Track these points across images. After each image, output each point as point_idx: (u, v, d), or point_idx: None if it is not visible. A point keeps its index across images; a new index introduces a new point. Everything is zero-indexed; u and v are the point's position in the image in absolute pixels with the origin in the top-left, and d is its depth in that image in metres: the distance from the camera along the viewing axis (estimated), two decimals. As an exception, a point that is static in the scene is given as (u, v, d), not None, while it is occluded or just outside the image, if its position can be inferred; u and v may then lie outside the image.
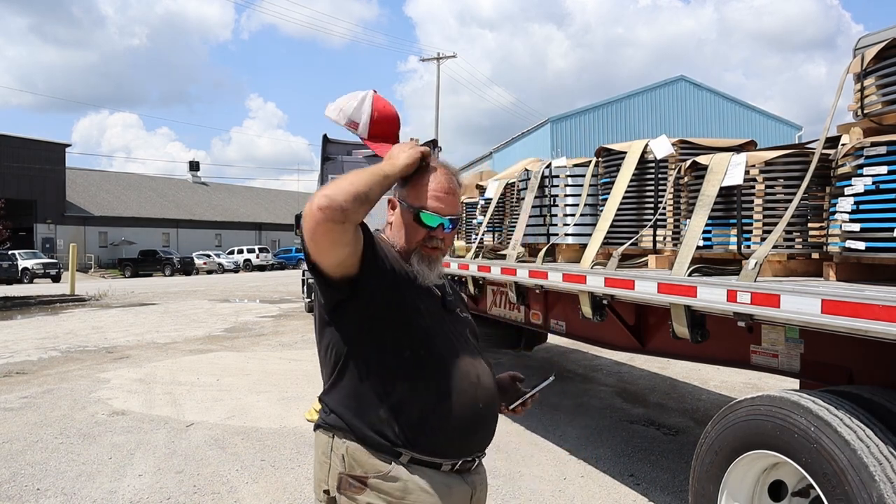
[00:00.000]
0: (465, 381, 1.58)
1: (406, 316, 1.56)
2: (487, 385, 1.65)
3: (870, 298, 1.87)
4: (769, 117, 34.15)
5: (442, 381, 1.56)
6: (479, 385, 1.62)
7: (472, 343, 1.72)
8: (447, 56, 35.12)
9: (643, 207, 3.55)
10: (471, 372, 1.61)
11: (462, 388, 1.57)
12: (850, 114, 2.41)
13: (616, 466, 4.33)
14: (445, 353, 1.59)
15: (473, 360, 1.66)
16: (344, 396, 1.56)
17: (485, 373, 1.67)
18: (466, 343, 1.69)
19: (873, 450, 1.90)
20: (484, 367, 1.69)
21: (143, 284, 26.52)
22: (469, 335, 1.73)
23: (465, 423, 1.57)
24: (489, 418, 1.66)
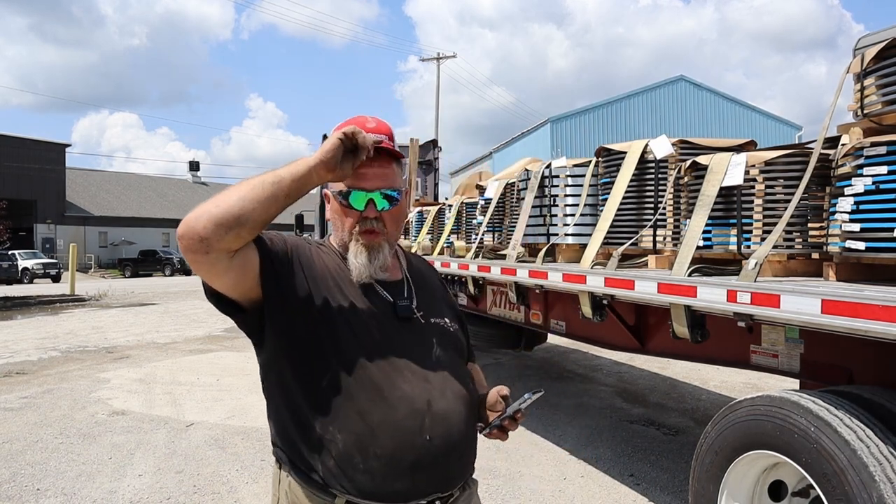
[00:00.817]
0: (406, 406, 1.32)
1: (330, 333, 1.33)
2: (444, 411, 1.37)
3: (870, 298, 1.87)
4: (769, 117, 34.15)
5: (374, 408, 1.31)
6: (430, 411, 1.34)
7: (439, 356, 1.43)
8: (447, 56, 35.12)
9: (643, 207, 3.55)
10: (418, 396, 1.34)
11: (400, 417, 1.32)
12: (850, 114, 2.41)
13: (616, 466, 4.33)
14: (383, 374, 1.33)
15: (428, 379, 1.38)
16: (277, 424, 1.40)
17: (444, 395, 1.38)
18: (424, 358, 1.40)
19: (873, 450, 1.90)
20: (447, 388, 1.40)
21: (143, 284, 26.52)
22: (435, 345, 1.44)
23: (406, 460, 1.31)
24: (446, 451, 1.36)
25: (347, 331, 1.34)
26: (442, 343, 1.45)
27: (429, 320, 1.46)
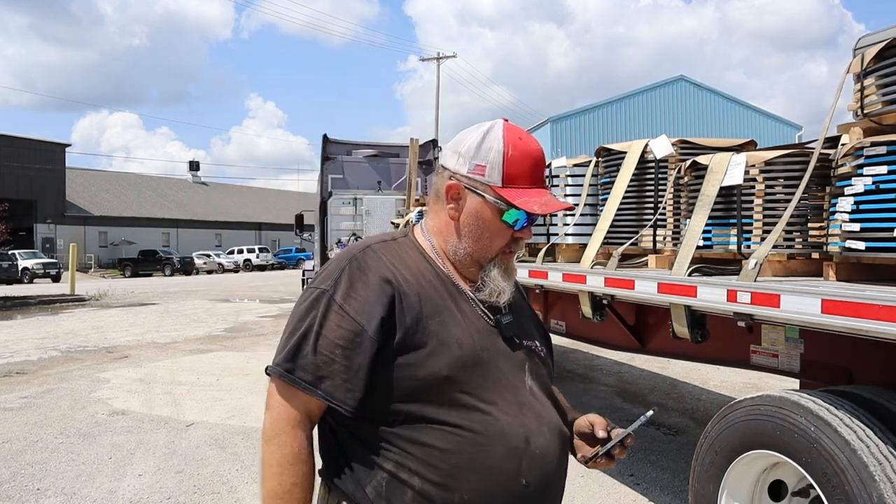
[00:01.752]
0: (503, 444, 1.17)
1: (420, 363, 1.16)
2: (542, 449, 1.22)
3: (870, 298, 1.87)
4: (769, 117, 34.16)
5: (465, 444, 1.15)
6: (528, 450, 1.19)
7: (532, 384, 1.27)
8: (447, 56, 35.13)
9: (643, 207, 3.55)
10: (515, 431, 1.18)
11: (496, 457, 1.16)
12: (850, 113, 2.41)
13: (616, 466, 4.32)
14: (479, 402, 1.17)
15: (524, 411, 1.22)
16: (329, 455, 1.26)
17: (541, 431, 1.23)
18: (519, 385, 1.24)
19: (873, 450, 1.90)
20: (543, 421, 1.24)
21: (143, 284, 26.52)
22: (528, 371, 1.27)
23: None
24: (542, 498, 1.22)
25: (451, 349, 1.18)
26: (534, 369, 1.30)
27: (522, 342, 1.31)
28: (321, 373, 1.15)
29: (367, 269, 1.21)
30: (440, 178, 1.30)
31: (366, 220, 10.14)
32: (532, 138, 1.29)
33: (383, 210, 10.05)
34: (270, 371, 1.19)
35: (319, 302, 1.19)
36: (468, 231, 1.25)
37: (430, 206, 1.34)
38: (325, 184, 10.60)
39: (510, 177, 1.22)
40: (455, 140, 1.30)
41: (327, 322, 1.17)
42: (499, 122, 1.27)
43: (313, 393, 1.15)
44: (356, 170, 10.90)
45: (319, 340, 1.16)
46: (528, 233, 1.29)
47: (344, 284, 1.19)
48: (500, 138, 1.23)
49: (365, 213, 10.11)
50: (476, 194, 1.24)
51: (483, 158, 1.23)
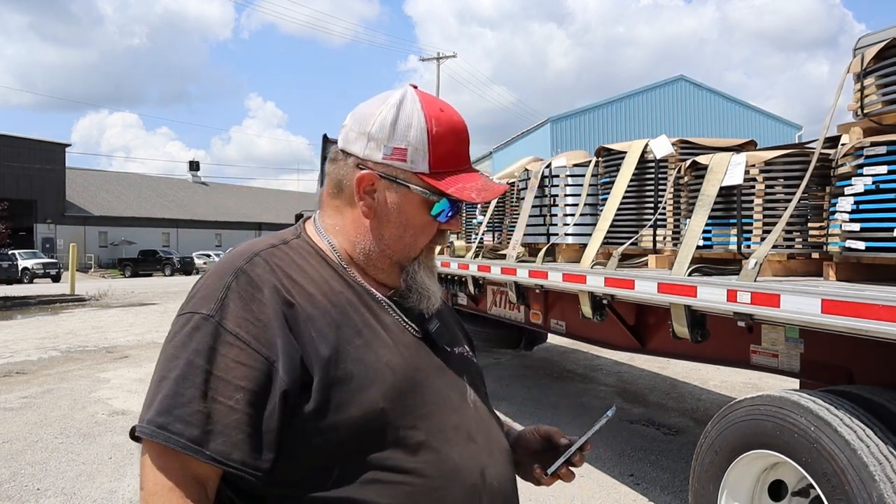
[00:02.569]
0: (459, 484, 0.97)
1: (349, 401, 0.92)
2: (499, 479, 1.04)
3: (870, 298, 1.87)
4: (769, 117, 34.17)
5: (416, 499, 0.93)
6: (486, 485, 1.00)
7: (474, 399, 1.07)
8: (447, 56, 35.13)
9: (643, 207, 3.55)
10: (469, 465, 0.99)
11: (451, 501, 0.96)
12: (850, 113, 2.41)
13: (616, 466, 4.33)
14: (423, 444, 0.95)
15: (472, 437, 1.02)
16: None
17: (493, 457, 1.04)
18: (462, 404, 1.04)
19: (873, 450, 1.90)
20: (493, 446, 1.06)
21: (143, 284, 26.52)
22: (467, 386, 1.08)
23: None
24: None
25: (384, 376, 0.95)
26: (473, 381, 1.10)
27: (454, 350, 1.10)
28: (212, 426, 0.85)
29: (260, 284, 0.93)
30: (341, 166, 1.03)
31: None
32: (452, 108, 1.05)
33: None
34: (139, 432, 0.86)
35: (201, 331, 0.89)
36: (388, 230, 1.02)
37: (327, 201, 1.07)
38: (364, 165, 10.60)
39: (438, 159, 1.00)
40: (356, 117, 1.02)
41: (218, 357, 0.88)
42: (409, 91, 1.02)
43: (200, 454, 0.84)
44: None
45: (211, 383, 0.86)
46: (456, 224, 1.06)
47: (233, 306, 0.90)
48: (420, 112, 0.99)
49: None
50: (397, 184, 1.00)
51: (402, 139, 0.98)
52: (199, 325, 0.90)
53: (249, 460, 0.86)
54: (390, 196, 1.00)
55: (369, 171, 0.99)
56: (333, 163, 1.05)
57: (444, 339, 1.08)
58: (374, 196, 1.00)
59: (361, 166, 1.00)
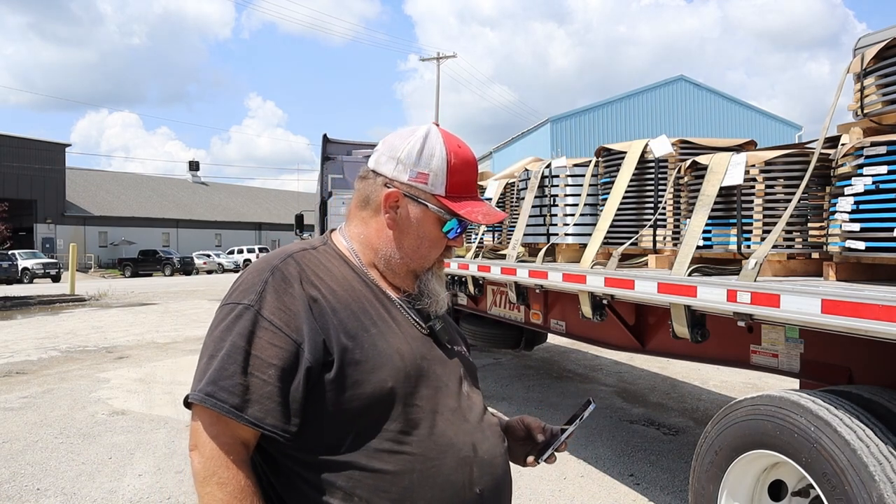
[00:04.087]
0: (453, 455, 1.13)
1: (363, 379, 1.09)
2: (490, 454, 1.20)
3: (870, 298, 1.87)
4: (769, 117, 34.18)
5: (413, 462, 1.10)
6: (477, 458, 1.16)
7: (468, 389, 1.24)
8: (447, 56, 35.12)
9: (643, 207, 3.55)
10: (462, 440, 1.15)
11: (446, 470, 1.12)
12: (850, 113, 2.41)
13: (616, 466, 4.33)
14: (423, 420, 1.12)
15: (467, 418, 1.18)
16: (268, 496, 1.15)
17: (485, 436, 1.21)
18: (458, 391, 1.20)
19: (873, 450, 1.90)
20: (485, 426, 1.22)
21: (142, 284, 26.52)
22: (463, 376, 1.24)
23: None
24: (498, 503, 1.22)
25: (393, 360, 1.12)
26: (468, 374, 1.27)
27: (454, 347, 1.28)
28: (251, 396, 1.03)
29: (292, 280, 1.11)
30: (370, 184, 1.22)
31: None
32: (467, 146, 1.26)
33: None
34: (191, 399, 1.04)
35: (243, 318, 1.07)
36: (407, 240, 1.20)
37: (355, 212, 1.25)
38: (326, 184, 10.60)
39: (453, 186, 1.20)
40: (388, 145, 1.22)
41: (257, 340, 1.05)
42: (433, 128, 1.23)
43: (240, 419, 1.02)
44: (356, 170, 10.82)
45: (250, 360, 1.04)
46: (461, 241, 1.27)
47: (270, 297, 1.08)
48: (442, 145, 1.20)
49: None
50: (418, 203, 1.19)
51: (425, 166, 1.18)
52: (242, 313, 1.07)
53: (280, 424, 1.04)
54: (411, 212, 1.19)
55: (395, 190, 1.18)
56: (363, 180, 1.24)
57: (446, 336, 1.25)
58: (397, 210, 1.19)
59: (389, 185, 1.19)
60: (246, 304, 1.08)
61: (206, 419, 1.04)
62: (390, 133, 1.26)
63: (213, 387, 1.03)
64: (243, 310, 1.07)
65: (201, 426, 1.05)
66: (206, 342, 1.09)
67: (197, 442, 1.05)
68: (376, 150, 1.23)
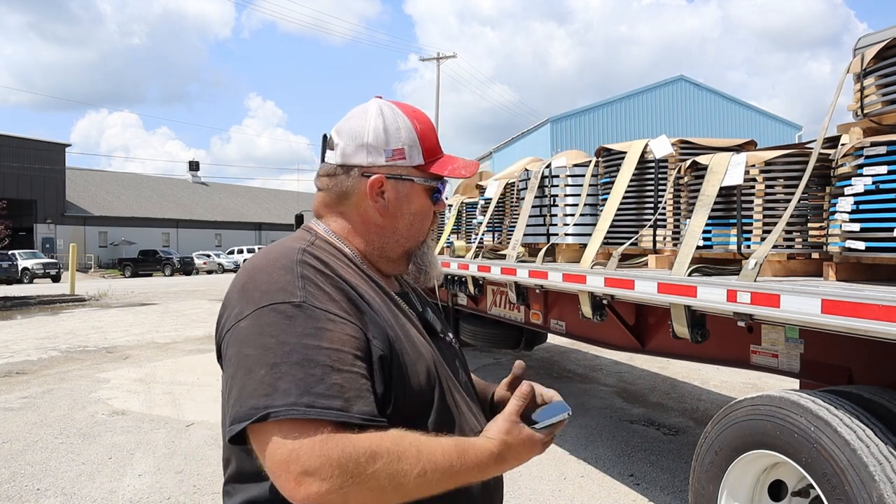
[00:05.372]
0: None
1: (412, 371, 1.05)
2: None
3: (870, 298, 1.87)
4: (769, 117, 34.18)
5: None
6: None
7: (467, 383, 1.22)
8: (447, 56, 35.11)
9: (643, 207, 3.55)
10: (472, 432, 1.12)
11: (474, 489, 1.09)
12: (850, 113, 2.41)
13: (616, 466, 4.33)
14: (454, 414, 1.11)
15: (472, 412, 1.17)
16: None
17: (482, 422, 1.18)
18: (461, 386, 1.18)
19: (873, 450, 1.90)
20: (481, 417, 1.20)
21: (142, 284, 26.51)
22: (460, 369, 1.22)
23: None
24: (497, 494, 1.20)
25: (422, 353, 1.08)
26: (463, 364, 1.24)
27: (446, 336, 1.24)
28: (349, 394, 0.92)
29: (325, 270, 1.04)
30: (343, 179, 1.13)
31: None
32: (419, 109, 1.21)
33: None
34: (284, 416, 0.87)
35: (299, 317, 0.95)
36: (401, 222, 1.15)
37: (329, 210, 1.17)
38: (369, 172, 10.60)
39: (428, 151, 1.16)
40: (347, 134, 1.14)
41: (326, 333, 0.94)
42: (382, 102, 1.18)
43: (352, 419, 0.90)
44: None
45: (333, 357, 0.93)
46: (443, 204, 1.24)
47: (315, 290, 0.99)
48: (401, 115, 1.16)
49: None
50: (404, 181, 1.14)
51: (397, 142, 1.13)
52: (293, 312, 0.95)
53: (379, 415, 0.95)
54: (400, 192, 1.14)
55: (378, 176, 1.12)
56: (332, 178, 1.15)
57: (440, 326, 1.23)
58: (384, 196, 1.13)
59: (367, 174, 1.12)
60: (295, 302, 0.96)
61: (307, 432, 0.88)
62: (338, 122, 1.18)
63: (309, 397, 0.89)
64: (293, 308, 0.95)
65: (302, 446, 0.87)
66: (252, 353, 0.93)
67: (306, 466, 0.86)
68: (335, 144, 1.15)
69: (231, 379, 0.94)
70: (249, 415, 0.89)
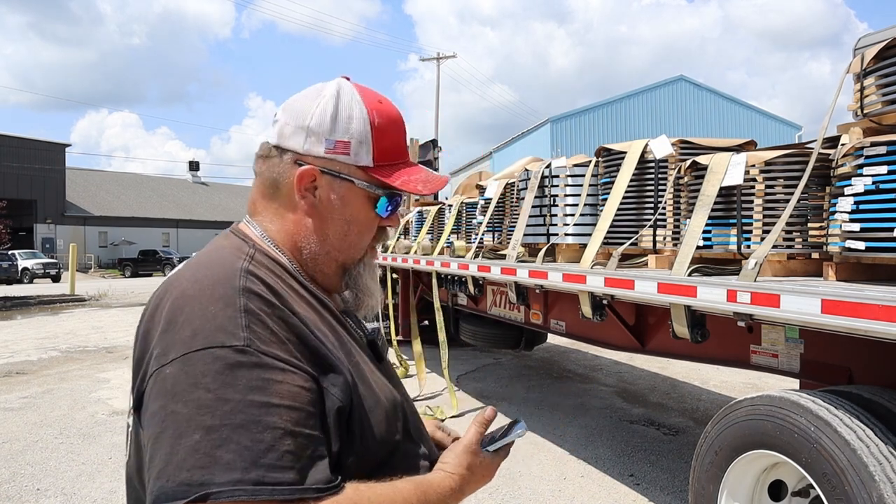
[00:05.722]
0: None
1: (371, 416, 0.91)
2: None
3: (870, 298, 1.87)
4: (769, 117, 34.18)
5: None
6: None
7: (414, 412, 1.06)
8: (447, 56, 35.11)
9: (643, 207, 3.55)
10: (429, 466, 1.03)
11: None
12: (850, 113, 2.41)
13: (616, 466, 4.33)
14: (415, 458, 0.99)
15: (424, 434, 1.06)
16: None
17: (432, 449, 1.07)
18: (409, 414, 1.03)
19: (873, 450, 1.90)
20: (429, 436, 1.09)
21: (142, 284, 26.51)
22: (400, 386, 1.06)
23: None
24: None
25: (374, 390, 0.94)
26: (404, 391, 1.07)
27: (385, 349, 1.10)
28: (303, 462, 0.77)
29: (267, 301, 0.85)
30: (276, 164, 0.96)
31: None
32: (389, 101, 1.02)
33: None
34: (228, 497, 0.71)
35: (243, 364, 0.77)
36: (332, 228, 0.97)
37: (263, 204, 0.99)
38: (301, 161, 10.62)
39: (382, 152, 0.97)
40: (292, 111, 0.97)
41: (275, 386, 0.78)
42: (345, 83, 0.99)
43: (308, 494, 0.76)
44: None
45: (283, 417, 0.77)
46: (396, 220, 1.04)
47: (261, 330, 0.81)
48: (360, 103, 0.97)
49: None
50: (341, 180, 0.96)
51: (344, 132, 0.95)
52: (235, 359, 0.77)
53: (334, 482, 0.80)
54: (334, 192, 0.96)
55: (310, 167, 0.94)
56: (266, 160, 0.98)
57: (380, 338, 1.06)
58: (315, 193, 0.96)
59: (300, 162, 0.95)
60: (238, 346, 0.78)
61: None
62: (291, 96, 1.00)
63: (257, 470, 0.73)
64: (236, 354, 0.78)
65: None
66: (183, 412, 0.75)
67: None
68: (277, 119, 0.98)
69: (155, 442, 0.76)
70: (181, 493, 0.71)
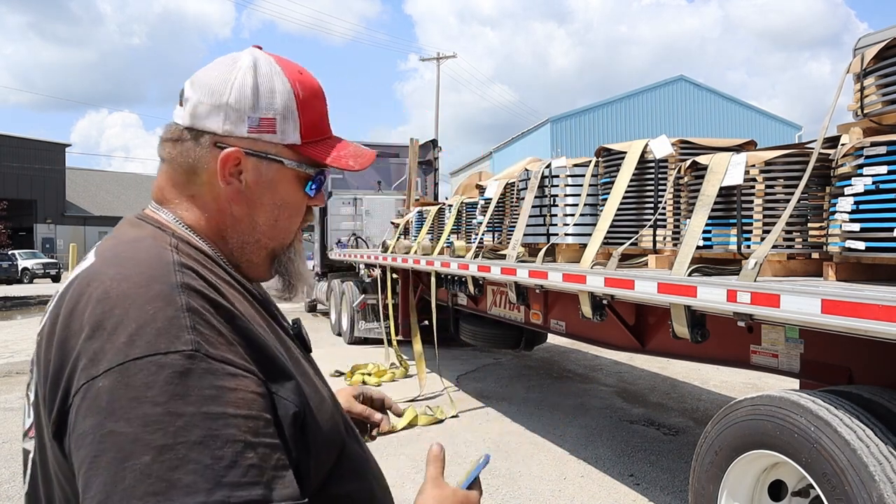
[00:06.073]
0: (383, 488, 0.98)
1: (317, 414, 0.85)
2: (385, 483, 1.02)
3: (870, 298, 1.87)
4: (769, 117, 34.19)
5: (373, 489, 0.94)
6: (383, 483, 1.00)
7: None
8: (447, 56, 35.11)
9: (643, 207, 3.55)
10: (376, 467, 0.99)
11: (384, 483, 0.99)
12: (850, 113, 2.41)
13: (616, 466, 4.33)
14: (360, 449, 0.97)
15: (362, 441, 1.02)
16: None
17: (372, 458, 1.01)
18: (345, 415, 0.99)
19: (873, 450, 1.90)
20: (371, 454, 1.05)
21: (143, 284, 26.49)
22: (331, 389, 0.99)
23: None
24: None
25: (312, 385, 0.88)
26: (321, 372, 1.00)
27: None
28: (267, 475, 0.69)
29: (207, 297, 0.76)
30: (191, 148, 0.87)
31: (366, 220, 10.17)
32: (309, 72, 0.94)
33: (383, 210, 10.08)
34: None
35: (194, 372, 0.68)
36: (261, 214, 0.90)
37: (176, 192, 0.90)
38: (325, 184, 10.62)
39: (308, 128, 0.90)
40: (204, 87, 0.87)
41: (229, 394, 0.69)
42: (259, 53, 0.90)
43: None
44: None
45: (241, 428, 0.68)
46: (321, 199, 0.97)
47: (207, 331, 0.72)
48: (281, 74, 0.88)
49: (365, 213, 10.14)
50: (269, 161, 0.88)
51: (268, 108, 0.86)
52: (185, 366, 0.68)
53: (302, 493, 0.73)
54: (262, 174, 0.88)
55: (233, 150, 0.85)
56: (177, 144, 0.88)
57: (307, 337, 1.00)
58: (240, 178, 0.87)
59: (221, 144, 0.86)
60: (186, 351, 0.68)
61: None
62: (199, 70, 0.90)
63: (221, 490, 0.64)
64: (185, 360, 0.68)
65: None
66: (127, 431, 0.64)
67: None
68: (186, 97, 0.88)
69: (89, 468, 0.64)
70: None
